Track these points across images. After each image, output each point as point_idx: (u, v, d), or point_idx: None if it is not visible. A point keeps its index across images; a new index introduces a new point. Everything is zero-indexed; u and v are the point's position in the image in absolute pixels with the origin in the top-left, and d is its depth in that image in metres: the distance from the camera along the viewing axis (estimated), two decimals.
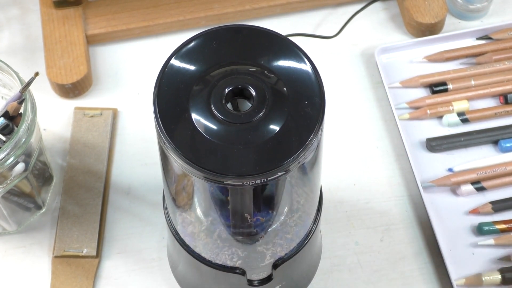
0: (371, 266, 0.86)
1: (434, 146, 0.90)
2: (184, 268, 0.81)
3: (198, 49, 0.66)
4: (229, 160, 0.62)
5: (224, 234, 0.72)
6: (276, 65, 0.65)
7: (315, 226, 0.77)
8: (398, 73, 0.95)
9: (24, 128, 0.78)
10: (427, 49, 0.97)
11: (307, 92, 0.64)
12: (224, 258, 0.74)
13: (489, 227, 0.85)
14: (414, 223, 0.88)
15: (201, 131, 0.63)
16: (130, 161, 0.91)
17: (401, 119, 0.92)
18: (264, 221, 0.72)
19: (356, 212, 0.88)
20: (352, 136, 0.92)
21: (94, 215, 0.87)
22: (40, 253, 0.86)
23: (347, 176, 0.90)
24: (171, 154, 0.64)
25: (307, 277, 0.84)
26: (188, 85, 0.64)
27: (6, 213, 0.84)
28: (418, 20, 0.96)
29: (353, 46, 0.98)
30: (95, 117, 0.92)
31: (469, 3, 0.98)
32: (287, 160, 0.62)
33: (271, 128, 0.63)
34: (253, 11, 0.97)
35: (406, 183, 0.90)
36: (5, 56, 0.86)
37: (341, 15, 0.99)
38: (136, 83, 0.96)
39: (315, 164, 0.69)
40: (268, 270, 0.75)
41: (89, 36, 0.96)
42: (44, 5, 0.97)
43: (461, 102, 0.92)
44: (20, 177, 0.82)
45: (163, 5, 0.97)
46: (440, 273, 0.85)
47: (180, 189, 0.71)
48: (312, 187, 0.73)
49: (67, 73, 0.93)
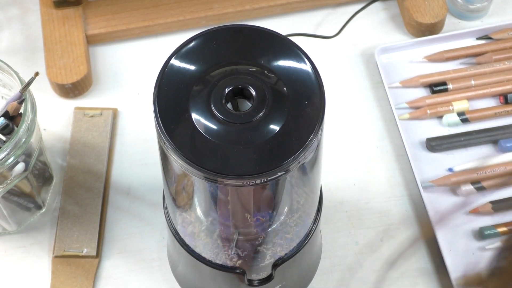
0: (371, 266, 0.86)
1: (434, 146, 0.90)
2: (184, 268, 0.81)
3: (198, 49, 0.66)
4: (229, 160, 0.62)
5: (224, 234, 0.72)
6: (276, 65, 0.65)
7: (315, 226, 0.77)
8: (398, 73, 0.95)
9: (24, 128, 0.78)
10: (427, 49, 0.96)
11: (307, 92, 0.64)
12: (224, 258, 0.74)
13: (490, 231, 0.85)
14: (414, 223, 0.88)
15: (201, 131, 0.63)
16: (130, 161, 0.91)
17: (401, 119, 0.92)
18: (264, 221, 0.72)
19: (356, 212, 0.88)
20: (352, 136, 0.92)
21: (94, 215, 0.87)
22: (40, 253, 0.86)
23: (347, 176, 0.90)
24: (171, 154, 0.64)
25: (307, 277, 0.84)
26: (188, 85, 0.64)
27: (6, 213, 0.84)
28: (418, 20, 0.96)
29: (353, 46, 0.98)
30: (95, 117, 0.92)
31: (469, 3, 0.98)
32: (287, 160, 0.62)
33: (271, 128, 0.63)
34: (253, 11, 0.97)
35: (406, 183, 0.90)
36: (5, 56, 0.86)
37: (341, 15, 0.99)
38: (136, 83, 0.96)
39: (315, 164, 0.69)
40: (268, 270, 0.75)
41: (89, 36, 0.96)
42: (44, 5, 0.97)
43: (461, 102, 0.92)
44: (20, 177, 0.82)
45: (163, 5, 0.97)
46: (440, 273, 0.85)
47: (180, 189, 0.71)
48: (312, 187, 0.73)
49: (67, 73, 0.93)
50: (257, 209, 0.70)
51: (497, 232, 0.85)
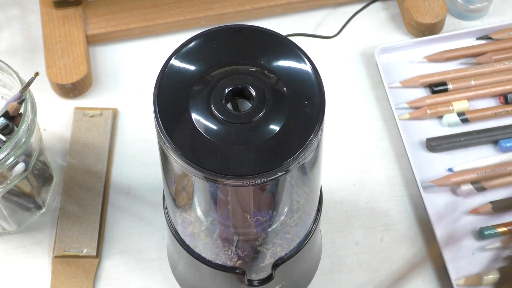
0: (371, 266, 0.86)
1: (434, 146, 0.90)
2: (184, 268, 0.81)
3: (198, 49, 0.66)
4: (229, 160, 0.62)
5: (224, 234, 0.72)
6: (276, 65, 0.65)
7: (315, 226, 0.77)
8: (398, 73, 0.95)
9: (24, 128, 0.78)
10: (427, 49, 0.96)
11: (307, 92, 0.64)
12: (224, 258, 0.74)
13: (490, 231, 0.85)
14: (414, 223, 0.88)
15: (201, 131, 0.63)
16: (130, 161, 0.91)
17: (401, 119, 0.92)
18: (264, 221, 0.72)
19: (356, 212, 0.88)
20: (352, 136, 0.92)
21: (94, 215, 0.87)
22: (40, 253, 0.86)
23: (347, 176, 0.90)
24: (171, 154, 0.64)
25: (307, 277, 0.84)
26: (188, 85, 0.64)
27: (6, 213, 0.84)
28: (418, 20, 0.96)
29: (353, 46, 0.98)
30: (95, 117, 0.92)
31: (469, 3, 0.98)
32: (287, 160, 0.62)
33: (271, 128, 0.63)
34: (253, 11, 0.97)
35: (406, 183, 0.90)
36: (5, 56, 0.86)
37: (341, 15, 0.99)
38: (136, 83, 0.96)
39: (315, 164, 0.69)
40: (268, 270, 0.75)
41: (89, 36, 0.96)
42: (44, 5, 0.97)
43: (461, 102, 0.92)
44: (20, 177, 0.82)
45: (163, 5, 0.97)
46: (440, 273, 0.85)
47: (180, 189, 0.71)
48: (312, 187, 0.73)
49: (67, 73, 0.93)
50: (257, 209, 0.70)
51: (497, 232, 0.85)
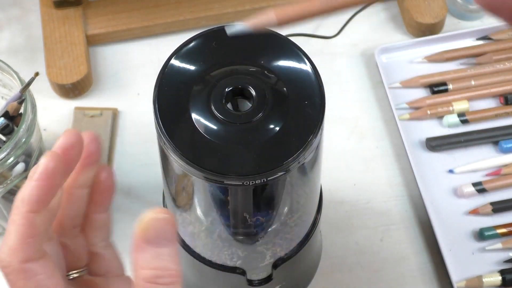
0: (371, 266, 0.86)
1: (434, 146, 0.90)
2: (184, 268, 0.81)
3: (198, 49, 0.66)
4: (229, 160, 0.62)
5: (224, 234, 0.72)
6: (276, 65, 0.65)
7: (315, 226, 0.77)
8: (398, 73, 0.95)
9: (24, 128, 0.78)
10: (427, 49, 0.96)
11: (307, 92, 0.64)
12: (224, 258, 0.74)
13: (490, 232, 0.85)
14: (414, 223, 0.88)
15: (201, 131, 0.63)
16: (130, 161, 0.91)
17: (401, 119, 0.92)
18: (264, 221, 0.72)
19: (356, 212, 0.88)
20: (352, 136, 0.92)
21: None
22: None
23: (347, 176, 0.90)
24: (171, 154, 0.64)
25: (307, 277, 0.84)
26: (188, 85, 0.64)
27: (6, 213, 0.84)
28: (418, 20, 0.96)
29: (353, 46, 0.98)
30: (95, 117, 0.92)
31: (469, 3, 0.98)
32: (287, 160, 0.62)
33: (271, 128, 0.63)
34: (253, 11, 0.97)
35: (406, 183, 0.90)
36: (5, 56, 0.86)
37: (341, 15, 0.99)
38: (136, 83, 0.96)
39: (315, 164, 0.69)
40: (268, 270, 0.75)
41: (89, 36, 0.96)
42: (44, 5, 0.97)
43: (461, 103, 0.92)
44: (20, 177, 0.82)
45: (163, 5, 0.97)
46: (440, 273, 0.85)
47: (180, 189, 0.71)
48: (312, 187, 0.73)
49: (67, 73, 0.93)
50: (257, 209, 0.70)
51: (496, 233, 0.85)
